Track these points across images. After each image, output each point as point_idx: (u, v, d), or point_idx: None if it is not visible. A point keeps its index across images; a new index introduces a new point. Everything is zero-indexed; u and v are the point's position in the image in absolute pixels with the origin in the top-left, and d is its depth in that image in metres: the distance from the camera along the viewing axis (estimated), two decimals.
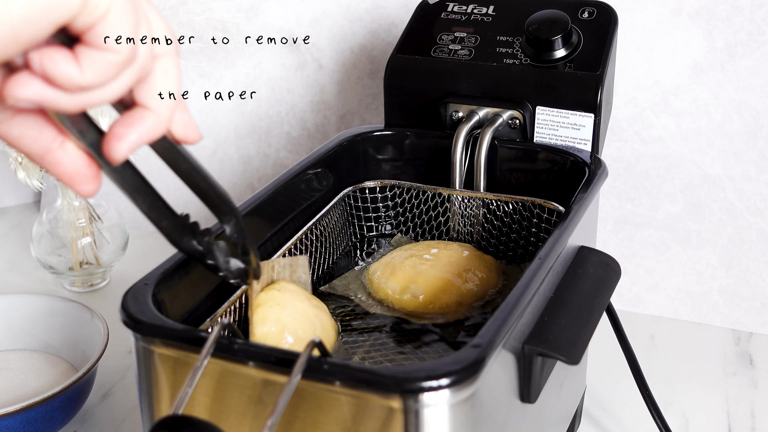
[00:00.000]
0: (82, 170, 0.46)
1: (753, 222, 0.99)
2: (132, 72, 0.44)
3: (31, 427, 0.80)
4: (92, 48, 0.42)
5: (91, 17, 0.41)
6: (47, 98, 0.42)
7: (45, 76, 0.41)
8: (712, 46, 0.95)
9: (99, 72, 0.42)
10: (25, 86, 0.41)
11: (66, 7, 0.39)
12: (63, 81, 0.41)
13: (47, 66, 0.41)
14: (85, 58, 0.42)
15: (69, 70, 0.41)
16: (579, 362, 0.60)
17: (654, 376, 0.92)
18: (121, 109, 0.47)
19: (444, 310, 0.75)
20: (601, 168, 0.78)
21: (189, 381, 0.51)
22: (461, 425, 0.52)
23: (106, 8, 0.41)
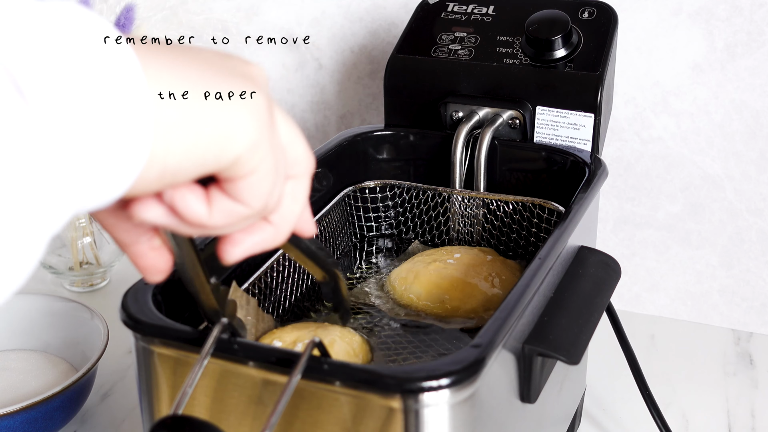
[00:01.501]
0: (160, 266, 0.47)
1: (753, 222, 0.99)
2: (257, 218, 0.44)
3: (31, 427, 0.80)
4: (227, 196, 0.42)
5: (237, 173, 0.41)
6: (167, 224, 0.42)
7: (173, 209, 0.42)
8: (712, 46, 0.95)
9: (226, 219, 0.43)
10: (150, 211, 0.41)
11: (216, 163, 0.40)
12: (189, 218, 0.42)
13: (178, 203, 0.41)
14: (217, 202, 0.42)
15: (198, 211, 0.42)
16: (579, 362, 0.60)
17: (654, 376, 0.92)
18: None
19: (470, 314, 0.75)
20: (601, 168, 0.78)
21: (189, 381, 0.51)
22: (461, 425, 0.52)
23: (251, 169, 0.41)
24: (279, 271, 0.74)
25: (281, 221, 0.46)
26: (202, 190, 0.42)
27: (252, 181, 0.42)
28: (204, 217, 0.42)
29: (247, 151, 0.40)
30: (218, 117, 0.39)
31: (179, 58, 0.39)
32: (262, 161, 0.41)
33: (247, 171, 0.41)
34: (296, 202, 0.47)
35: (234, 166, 0.41)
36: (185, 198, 0.41)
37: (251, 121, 0.40)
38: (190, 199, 0.41)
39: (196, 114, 0.38)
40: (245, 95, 0.41)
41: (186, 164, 0.39)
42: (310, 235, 0.51)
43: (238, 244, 0.46)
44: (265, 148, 0.41)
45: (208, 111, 0.39)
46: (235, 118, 0.40)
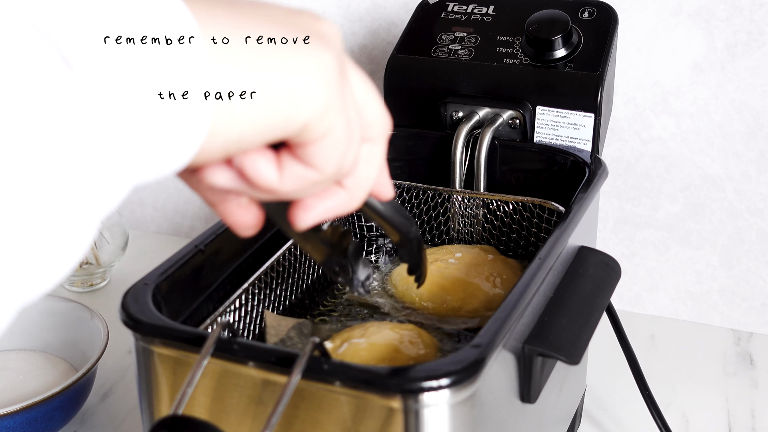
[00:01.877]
0: (249, 221, 0.45)
1: (753, 222, 0.99)
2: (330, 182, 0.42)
3: (31, 427, 0.80)
4: (298, 161, 0.40)
5: (307, 138, 0.39)
6: (238, 188, 0.41)
7: (242, 174, 0.40)
8: (712, 46, 0.95)
9: (298, 184, 0.41)
10: (219, 175, 0.40)
11: (284, 130, 0.38)
12: (258, 183, 0.40)
13: (247, 169, 0.39)
14: (289, 167, 0.40)
15: (269, 177, 0.40)
16: (579, 362, 0.60)
17: (654, 376, 0.92)
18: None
19: (472, 314, 0.75)
20: (601, 168, 0.78)
21: (189, 381, 0.51)
22: (461, 425, 0.52)
23: (323, 133, 0.39)
24: (285, 267, 0.74)
25: (355, 186, 0.44)
26: (272, 154, 0.40)
27: (323, 146, 0.39)
28: (274, 182, 0.40)
29: (317, 116, 0.38)
30: (284, 79, 0.37)
31: (243, 20, 0.37)
32: (334, 125, 0.39)
33: (318, 135, 0.39)
34: (371, 167, 0.44)
35: (304, 132, 0.38)
36: (255, 163, 0.39)
37: (321, 83, 0.38)
38: (260, 165, 0.39)
39: (259, 77, 0.36)
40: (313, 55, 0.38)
41: (251, 133, 0.37)
42: (387, 198, 0.49)
43: (310, 209, 0.43)
44: (336, 111, 0.39)
45: (273, 71, 0.37)
46: (302, 81, 0.37)
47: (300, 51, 0.37)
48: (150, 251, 1.19)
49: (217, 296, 0.67)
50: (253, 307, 0.71)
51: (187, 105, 0.34)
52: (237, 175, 0.40)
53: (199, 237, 0.66)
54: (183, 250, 0.65)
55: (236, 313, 0.69)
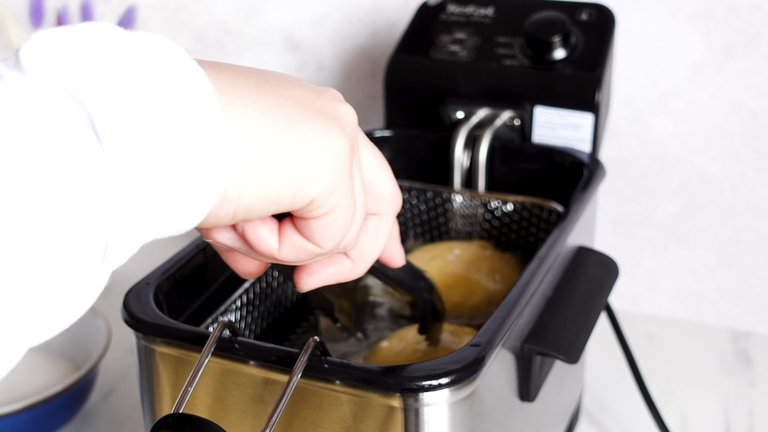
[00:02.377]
0: (252, 270, 0.47)
1: (751, 222, 0.99)
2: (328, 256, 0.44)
3: (33, 425, 0.80)
4: (299, 233, 0.42)
5: (311, 213, 0.40)
6: (238, 248, 0.42)
7: (243, 238, 0.42)
8: (709, 47, 0.95)
9: (296, 254, 0.42)
10: (221, 235, 0.42)
11: (291, 203, 0.39)
12: (258, 248, 0.42)
13: (249, 235, 0.41)
14: (289, 238, 0.42)
15: (269, 244, 0.42)
16: (578, 361, 0.61)
17: (652, 375, 0.92)
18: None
19: (473, 311, 0.75)
20: (599, 168, 0.78)
21: (190, 380, 0.51)
22: (461, 424, 0.52)
23: (327, 210, 0.40)
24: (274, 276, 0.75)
25: (360, 257, 0.46)
26: (275, 223, 0.42)
27: (325, 222, 0.41)
28: (274, 250, 0.42)
29: (323, 194, 0.40)
30: (296, 157, 0.38)
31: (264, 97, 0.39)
32: (338, 204, 0.40)
33: (322, 212, 0.40)
34: (378, 240, 0.46)
35: (309, 207, 0.40)
36: (256, 230, 0.41)
37: (330, 164, 0.39)
38: (261, 232, 0.41)
39: (273, 154, 0.38)
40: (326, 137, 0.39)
41: (259, 202, 0.38)
42: (397, 266, 0.51)
43: (313, 275, 0.45)
44: (341, 191, 0.40)
45: (287, 151, 0.38)
46: (313, 161, 0.39)
47: (314, 133, 0.39)
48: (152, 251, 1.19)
49: (218, 295, 0.68)
50: (255, 307, 0.72)
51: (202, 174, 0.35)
52: (239, 237, 0.42)
53: (200, 236, 0.67)
54: (185, 249, 0.65)
55: (237, 312, 0.69)
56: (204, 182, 0.35)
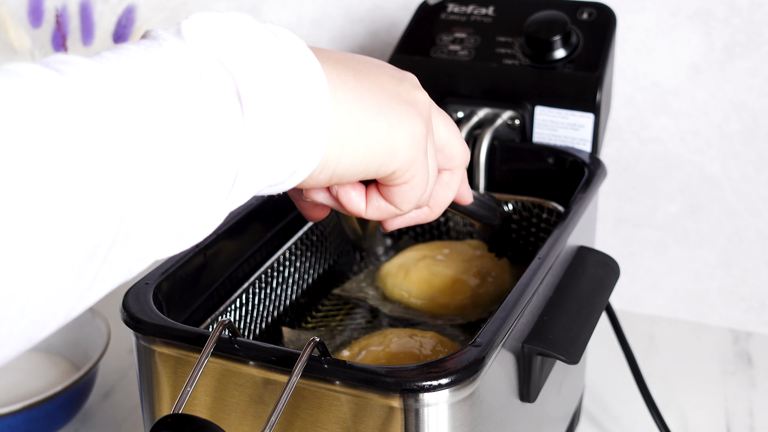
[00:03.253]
0: (320, 215, 0.56)
1: (751, 222, 0.99)
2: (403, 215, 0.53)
3: (32, 426, 0.80)
4: (382, 197, 0.51)
5: (393, 182, 0.49)
6: (331, 206, 0.52)
7: (336, 198, 0.51)
8: (710, 46, 0.95)
9: (379, 214, 0.51)
10: (318, 195, 0.51)
11: (377, 170, 0.48)
12: (348, 208, 0.51)
13: (342, 197, 0.50)
14: (374, 201, 0.51)
15: (357, 205, 0.51)
16: (578, 362, 0.61)
17: (653, 376, 0.92)
18: None
19: (460, 311, 0.75)
20: (600, 168, 0.78)
21: (190, 380, 0.51)
22: (461, 424, 0.52)
23: (406, 180, 0.49)
24: (285, 266, 0.75)
25: (435, 205, 0.55)
26: (362, 188, 0.51)
27: (405, 189, 0.50)
28: (361, 210, 0.51)
29: (403, 167, 0.48)
30: (383, 137, 0.47)
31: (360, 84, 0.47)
32: (415, 175, 0.49)
33: (401, 182, 0.49)
34: (450, 190, 0.55)
35: (392, 176, 0.49)
36: (348, 193, 0.50)
37: (408, 144, 0.48)
38: (352, 195, 0.50)
39: (365, 133, 0.46)
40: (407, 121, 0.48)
41: (351, 171, 0.47)
42: (468, 203, 0.59)
43: (396, 220, 0.54)
44: (418, 165, 0.49)
45: (376, 131, 0.47)
46: (396, 139, 0.47)
47: (399, 117, 0.48)
48: None
49: (218, 296, 0.68)
50: (254, 307, 0.72)
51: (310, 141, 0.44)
52: (333, 198, 0.51)
53: None
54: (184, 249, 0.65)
55: (237, 312, 0.69)
56: (311, 147, 0.44)
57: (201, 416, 0.49)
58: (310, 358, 0.50)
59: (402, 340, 0.66)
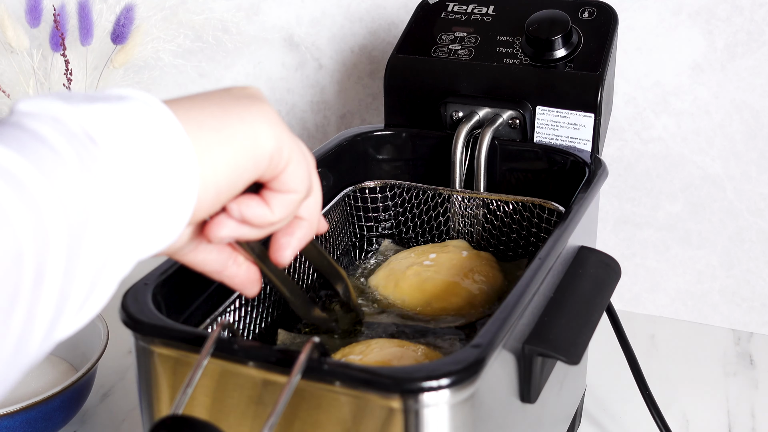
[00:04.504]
0: (252, 276, 0.56)
1: (753, 222, 0.99)
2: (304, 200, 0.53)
3: (30, 427, 0.80)
4: (278, 192, 0.51)
5: (276, 170, 0.50)
6: (241, 234, 0.51)
7: (242, 219, 0.50)
8: (712, 46, 0.95)
9: (285, 210, 0.52)
10: (224, 227, 0.50)
11: (256, 168, 0.48)
12: (257, 221, 0.51)
13: (245, 211, 0.50)
14: (273, 200, 0.51)
15: (262, 213, 0.51)
16: (579, 362, 0.60)
17: (654, 376, 0.92)
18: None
19: (458, 313, 0.74)
20: (601, 168, 0.78)
21: (189, 381, 0.51)
22: (461, 425, 0.52)
23: (286, 160, 0.50)
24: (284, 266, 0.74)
25: (310, 214, 0.55)
26: (258, 196, 0.51)
27: (291, 170, 0.50)
28: (269, 215, 0.51)
29: (276, 149, 0.49)
30: (243, 132, 0.48)
31: (199, 99, 0.49)
32: (291, 151, 0.50)
33: (284, 164, 0.50)
34: (316, 193, 0.55)
35: (271, 165, 0.49)
36: (249, 206, 0.50)
37: (268, 126, 0.49)
38: (253, 206, 0.50)
39: (226, 137, 0.47)
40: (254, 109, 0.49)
41: (233, 178, 0.47)
42: (325, 228, 0.59)
43: (287, 247, 0.55)
44: (288, 141, 0.50)
45: (234, 131, 0.48)
46: (254, 126, 0.48)
47: (246, 108, 0.49)
48: None
49: (217, 296, 0.67)
50: (253, 307, 0.71)
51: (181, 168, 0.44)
52: (238, 222, 0.50)
53: None
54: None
55: (236, 313, 0.69)
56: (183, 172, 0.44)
57: (200, 417, 0.48)
58: (310, 359, 0.50)
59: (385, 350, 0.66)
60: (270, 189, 0.51)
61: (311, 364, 0.50)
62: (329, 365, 0.50)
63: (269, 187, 0.51)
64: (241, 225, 0.51)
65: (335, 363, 0.50)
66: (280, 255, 0.55)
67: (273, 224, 0.52)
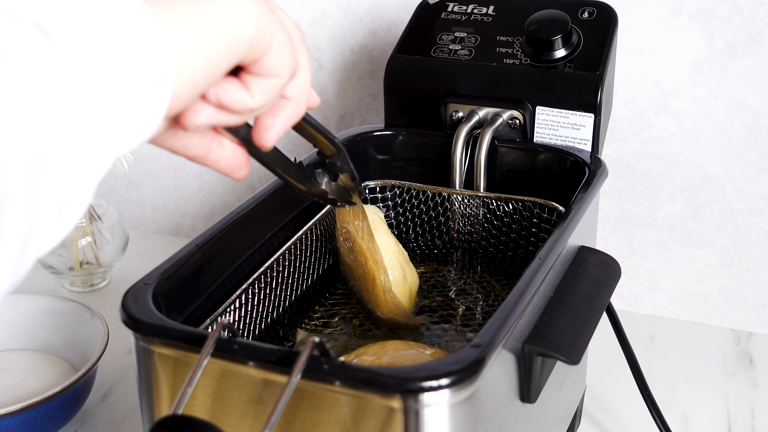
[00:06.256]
0: (238, 160, 0.52)
1: (753, 222, 0.99)
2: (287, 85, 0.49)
3: (31, 426, 0.80)
4: (259, 76, 0.47)
5: (257, 54, 0.46)
6: (219, 121, 0.47)
7: (220, 105, 0.47)
8: (712, 46, 0.95)
9: (267, 95, 0.48)
10: (200, 114, 0.46)
11: (236, 53, 0.45)
12: (236, 107, 0.47)
13: (222, 97, 0.46)
14: (254, 85, 0.47)
15: (242, 98, 0.47)
16: (579, 362, 0.60)
17: (654, 376, 0.92)
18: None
19: None
20: (601, 168, 0.78)
21: (189, 381, 0.51)
22: (461, 425, 0.52)
23: (268, 43, 0.46)
24: (285, 266, 0.75)
25: (298, 93, 0.51)
26: (237, 80, 0.47)
27: (274, 53, 0.46)
28: (248, 100, 0.47)
29: (257, 31, 0.45)
30: (220, 14, 0.44)
31: None
32: (274, 33, 0.46)
33: (266, 46, 0.46)
34: (304, 71, 0.51)
35: (252, 49, 0.45)
36: (228, 90, 0.46)
37: (250, 7, 0.45)
38: (231, 90, 0.46)
39: (201, 21, 0.43)
40: None
41: (210, 66, 0.43)
42: (317, 103, 0.55)
43: (271, 128, 0.51)
44: (270, 22, 0.46)
45: (210, 13, 0.43)
46: (233, 9, 0.44)
47: None
48: (150, 251, 1.19)
49: (217, 296, 0.67)
50: (253, 307, 0.71)
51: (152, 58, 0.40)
52: (216, 108, 0.47)
53: (199, 237, 0.66)
54: (183, 249, 0.65)
55: (236, 312, 0.69)
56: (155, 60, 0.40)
57: (200, 417, 0.48)
58: (310, 358, 0.50)
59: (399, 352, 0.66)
60: (250, 73, 0.47)
61: (311, 364, 0.50)
62: (329, 365, 0.50)
63: (249, 70, 0.47)
64: (218, 111, 0.47)
65: (335, 363, 0.50)
66: (263, 137, 0.51)
67: (253, 110, 0.48)
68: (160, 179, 1.23)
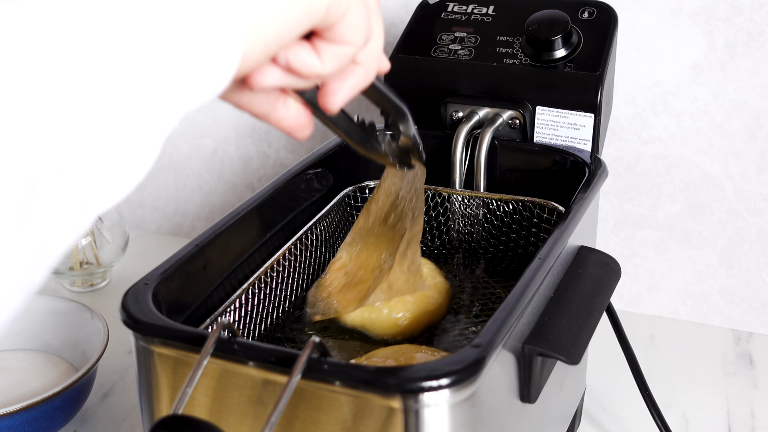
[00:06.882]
0: (302, 120, 0.52)
1: (753, 222, 0.99)
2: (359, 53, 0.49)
3: (31, 426, 0.80)
4: (331, 43, 0.46)
5: (332, 20, 0.45)
6: (287, 83, 0.47)
7: (289, 68, 0.46)
8: (712, 46, 0.95)
9: (337, 62, 0.47)
10: (268, 75, 0.46)
11: (310, 19, 0.44)
12: (305, 72, 0.47)
13: (292, 61, 0.46)
14: (325, 51, 0.47)
15: (312, 63, 0.46)
16: (579, 362, 0.60)
17: (654, 376, 0.92)
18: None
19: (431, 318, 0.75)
20: (601, 168, 0.78)
21: (189, 381, 0.51)
22: (461, 425, 0.52)
23: (344, 11, 0.45)
24: (285, 266, 0.75)
25: (368, 59, 0.50)
26: (309, 44, 0.46)
27: (348, 21, 0.46)
28: (318, 66, 0.47)
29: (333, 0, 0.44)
30: None
31: None
32: (350, 1, 0.46)
33: (341, 14, 0.45)
34: (377, 37, 0.50)
35: (327, 16, 0.45)
36: (298, 54, 0.46)
37: None
38: (302, 54, 0.46)
39: None
40: None
41: (284, 30, 0.43)
42: (387, 68, 0.55)
43: (337, 93, 0.50)
44: None
45: None
46: None
47: None
48: (150, 251, 1.19)
49: (217, 296, 0.67)
50: (253, 307, 0.71)
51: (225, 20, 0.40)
52: (284, 70, 0.46)
53: (199, 237, 0.66)
54: (183, 249, 0.65)
55: (236, 313, 0.69)
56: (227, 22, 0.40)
57: (200, 417, 0.48)
58: (310, 358, 0.50)
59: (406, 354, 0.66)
60: (323, 38, 0.46)
61: (311, 364, 0.50)
62: (329, 365, 0.50)
63: (322, 36, 0.46)
64: (286, 74, 0.47)
65: (335, 363, 0.50)
66: (329, 101, 0.50)
67: (322, 76, 0.47)
68: (160, 179, 1.23)
